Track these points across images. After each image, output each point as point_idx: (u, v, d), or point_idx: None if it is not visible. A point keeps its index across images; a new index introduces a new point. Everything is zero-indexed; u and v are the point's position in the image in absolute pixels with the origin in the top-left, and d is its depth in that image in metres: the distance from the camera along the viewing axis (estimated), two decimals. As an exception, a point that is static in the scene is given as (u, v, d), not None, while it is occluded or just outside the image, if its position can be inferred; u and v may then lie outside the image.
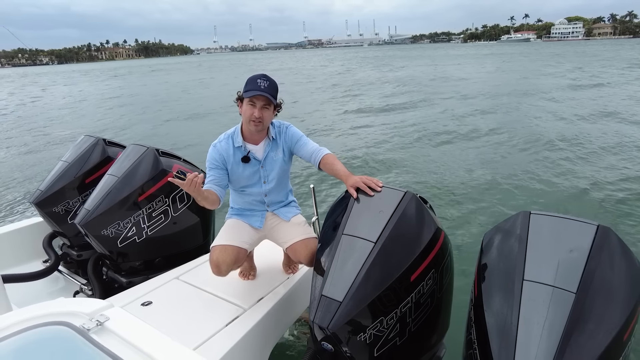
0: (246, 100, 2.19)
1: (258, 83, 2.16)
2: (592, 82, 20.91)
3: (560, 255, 1.51)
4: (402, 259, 1.75)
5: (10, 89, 37.35)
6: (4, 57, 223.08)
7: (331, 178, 6.00)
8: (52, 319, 1.32)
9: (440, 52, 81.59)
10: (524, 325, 1.40)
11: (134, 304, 2.37)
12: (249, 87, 2.18)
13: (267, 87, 2.16)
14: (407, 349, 1.84)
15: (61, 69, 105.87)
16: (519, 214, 1.72)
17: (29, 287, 2.96)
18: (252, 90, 2.16)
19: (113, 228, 2.76)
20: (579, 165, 7.72)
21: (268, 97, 2.16)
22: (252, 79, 2.19)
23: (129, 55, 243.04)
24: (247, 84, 2.19)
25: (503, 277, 1.57)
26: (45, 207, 3.21)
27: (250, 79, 2.19)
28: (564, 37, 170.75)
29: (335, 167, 2.23)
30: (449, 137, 10.50)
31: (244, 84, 2.22)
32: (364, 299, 1.65)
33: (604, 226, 1.55)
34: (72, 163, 3.27)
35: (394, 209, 1.86)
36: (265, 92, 2.15)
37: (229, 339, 2.07)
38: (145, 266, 2.96)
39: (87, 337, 1.26)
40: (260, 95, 2.15)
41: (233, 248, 2.28)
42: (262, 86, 2.16)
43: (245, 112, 2.22)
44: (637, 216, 5.40)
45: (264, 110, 2.20)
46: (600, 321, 1.38)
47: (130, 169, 2.84)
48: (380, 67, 41.63)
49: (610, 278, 1.46)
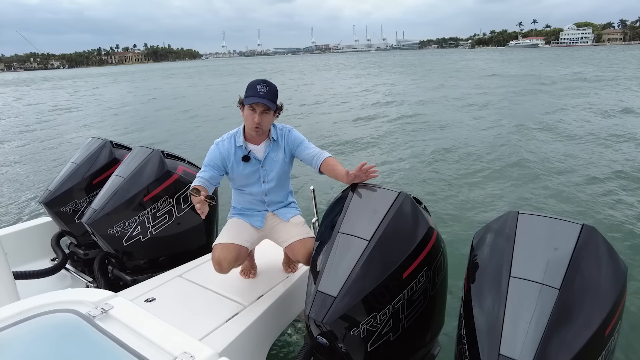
0: (247, 106, 2.27)
1: (258, 89, 2.24)
2: (593, 82, 21.01)
3: (546, 253, 1.56)
4: (395, 257, 1.81)
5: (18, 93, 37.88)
6: (16, 60, 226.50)
7: (332, 180, 6.10)
8: (59, 307, 1.41)
9: (454, 56, 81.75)
10: (510, 320, 1.45)
11: (137, 300, 2.44)
12: (249, 93, 2.26)
13: (266, 92, 2.25)
14: (400, 345, 1.89)
15: (71, 72, 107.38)
16: (508, 214, 1.77)
17: (38, 284, 3.06)
18: (251, 97, 2.24)
19: (119, 227, 2.85)
20: (568, 166, 7.87)
21: (267, 103, 2.24)
22: (252, 84, 2.27)
23: (138, 60, 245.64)
24: (248, 90, 2.27)
25: (491, 274, 1.62)
26: (53, 207, 3.31)
27: (251, 85, 2.27)
28: (573, 43, 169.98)
29: (336, 170, 2.30)
30: (444, 138, 10.72)
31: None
32: (358, 295, 1.71)
33: (588, 225, 1.60)
34: (80, 164, 3.37)
35: (387, 208, 1.92)
36: (265, 99, 2.24)
37: (229, 333, 2.14)
38: (150, 265, 3.04)
39: (93, 323, 1.34)
40: (259, 102, 2.23)
41: (234, 246, 2.36)
42: (262, 92, 2.24)
43: (247, 117, 2.31)
44: (622, 216, 5.48)
45: (263, 115, 2.28)
46: (582, 316, 1.42)
47: (136, 170, 2.93)
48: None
49: (593, 275, 1.51)
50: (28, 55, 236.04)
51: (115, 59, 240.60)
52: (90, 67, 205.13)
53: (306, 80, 34.69)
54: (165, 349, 1.28)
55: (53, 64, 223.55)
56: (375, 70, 45.38)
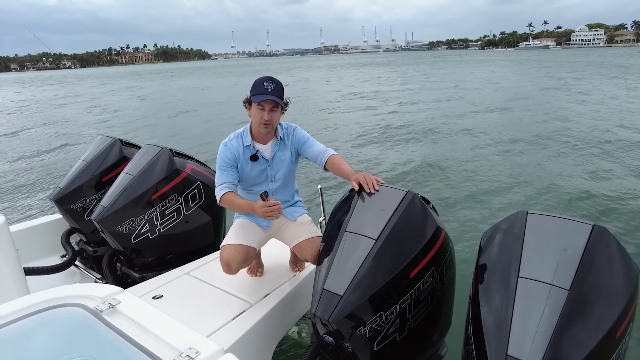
0: (255, 104, 2.27)
1: (265, 86, 2.23)
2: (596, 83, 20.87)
3: (556, 253, 1.54)
4: (402, 256, 1.80)
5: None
6: (29, 60, 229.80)
7: (338, 179, 6.14)
8: (67, 301, 1.42)
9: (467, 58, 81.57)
10: (518, 320, 1.43)
11: (145, 296, 2.45)
12: (256, 90, 2.25)
13: (273, 89, 2.24)
14: (407, 345, 1.88)
15: (82, 72, 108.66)
16: (517, 214, 1.75)
17: (47, 280, 3.09)
18: (260, 95, 2.23)
19: (127, 225, 2.87)
20: (580, 166, 7.82)
21: (276, 100, 2.24)
22: (258, 82, 2.26)
23: (148, 60, 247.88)
24: (254, 88, 2.26)
25: (499, 274, 1.60)
26: (63, 204, 3.34)
27: (257, 83, 2.27)
28: (585, 44, 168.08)
29: (342, 167, 2.30)
30: (451, 138, 10.73)
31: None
32: (364, 294, 1.71)
33: (599, 226, 1.57)
34: (90, 162, 3.40)
35: (395, 207, 1.91)
36: (273, 95, 2.23)
37: (235, 331, 2.14)
38: (158, 262, 3.06)
39: (100, 318, 1.35)
40: (268, 99, 2.23)
41: (243, 247, 2.35)
42: (269, 89, 2.23)
43: (255, 115, 2.30)
44: (635, 217, 5.41)
45: (272, 112, 2.28)
46: (593, 318, 1.40)
47: (145, 168, 2.94)
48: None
49: (603, 276, 1.49)
50: (40, 55, 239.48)
51: (126, 59, 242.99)
52: (100, 66, 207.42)
53: (301, 78, 34.77)
54: (171, 344, 1.28)
55: (65, 63, 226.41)
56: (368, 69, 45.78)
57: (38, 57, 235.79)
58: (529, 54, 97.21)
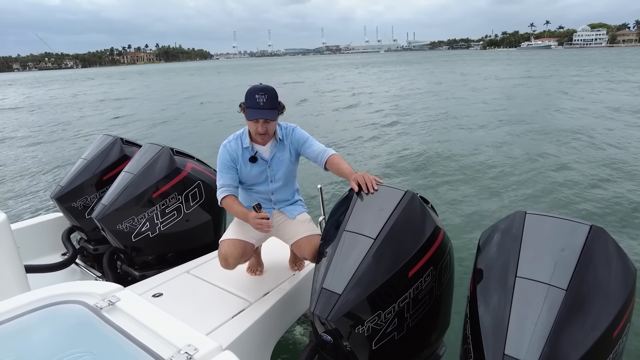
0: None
1: (257, 99, 2.21)
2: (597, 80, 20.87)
3: (553, 253, 1.54)
4: (401, 256, 1.80)
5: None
6: (31, 60, 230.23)
7: (338, 179, 6.16)
8: (68, 298, 1.43)
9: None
10: (516, 320, 1.43)
11: (145, 294, 2.46)
12: (248, 103, 2.24)
13: (266, 102, 2.22)
14: (405, 344, 1.89)
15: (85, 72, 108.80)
16: (515, 214, 1.75)
17: (48, 278, 3.11)
18: (251, 109, 2.23)
19: (128, 223, 2.88)
20: (578, 167, 7.81)
21: (268, 117, 2.24)
22: (250, 93, 2.23)
23: (149, 60, 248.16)
24: (247, 99, 2.24)
25: (497, 274, 1.61)
26: (64, 202, 3.35)
27: (249, 93, 2.23)
28: (587, 44, 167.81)
29: (341, 166, 2.30)
30: (451, 138, 10.71)
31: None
32: (363, 292, 1.71)
33: (597, 226, 1.58)
34: (91, 161, 3.41)
35: (394, 207, 1.91)
36: (265, 110, 2.22)
37: (235, 329, 2.15)
38: (158, 261, 3.07)
39: (99, 314, 1.37)
40: (260, 118, 2.24)
41: (241, 242, 2.37)
42: (261, 102, 2.21)
43: (250, 127, 2.33)
44: (632, 217, 5.42)
45: (267, 124, 2.28)
46: (590, 318, 1.41)
47: (146, 167, 2.96)
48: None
49: (601, 276, 1.49)
50: (43, 55, 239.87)
51: (127, 58, 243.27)
52: (102, 66, 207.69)
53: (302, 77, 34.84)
54: (169, 341, 1.29)
55: (67, 63, 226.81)
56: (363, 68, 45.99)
57: (40, 57, 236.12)
58: (533, 53, 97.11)
